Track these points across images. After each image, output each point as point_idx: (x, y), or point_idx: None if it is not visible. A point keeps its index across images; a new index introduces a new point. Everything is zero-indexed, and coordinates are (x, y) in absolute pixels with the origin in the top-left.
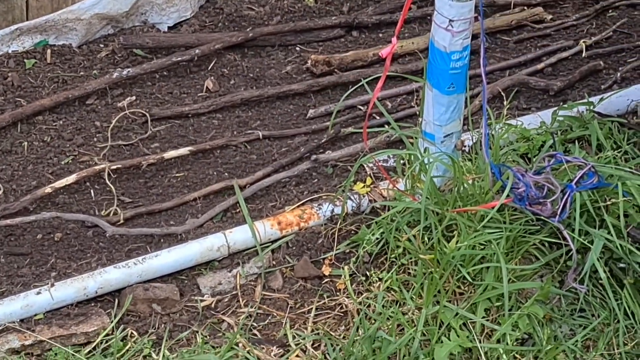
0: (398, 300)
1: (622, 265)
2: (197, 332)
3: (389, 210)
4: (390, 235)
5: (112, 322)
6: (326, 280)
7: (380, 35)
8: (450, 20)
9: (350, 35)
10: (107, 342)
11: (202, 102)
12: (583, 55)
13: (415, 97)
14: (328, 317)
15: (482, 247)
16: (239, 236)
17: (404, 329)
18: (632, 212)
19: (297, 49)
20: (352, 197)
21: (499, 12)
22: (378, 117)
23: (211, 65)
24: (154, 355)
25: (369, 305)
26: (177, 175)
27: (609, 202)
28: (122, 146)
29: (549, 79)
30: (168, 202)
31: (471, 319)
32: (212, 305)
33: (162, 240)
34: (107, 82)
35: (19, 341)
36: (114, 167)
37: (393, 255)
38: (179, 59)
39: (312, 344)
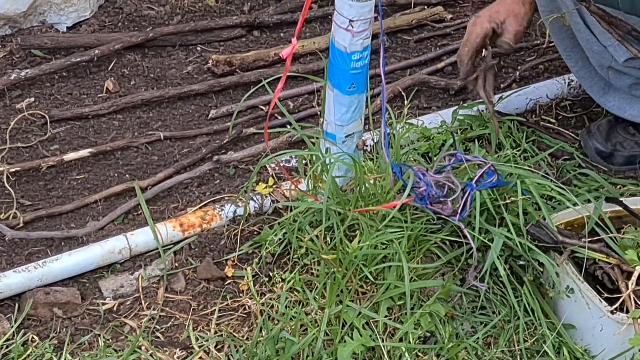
0: (301, 300)
1: (521, 262)
2: (99, 335)
3: (291, 210)
4: (292, 236)
5: (12, 327)
6: (229, 281)
7: (282, 34)
8: (350, 21)
9: (251, 35)
10: (7, 347)
11: (102, 103)
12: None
13: (316, 97)
14: (231, 319)
15: (384, 246)
16: (140, 238)
17: (307, 329)
18: (531, 210)
19: (198, 48)
20: (254, 198)
21: (399, 11)
22: (280, 117)
23: (111, 65)
24: (55, 359)
25: (272, 306)
26: (78, 177)
27: (508, 201)
28: (21, 148)
29: (450, 78)
30: (68, 204)
31: (374, 318)
32: (114, 309)
33: (62, 243)
34: (5, 83)
35: None
36: (13, 169)
37: (296, 256)
38: (78, 59)
39: (216, 346)
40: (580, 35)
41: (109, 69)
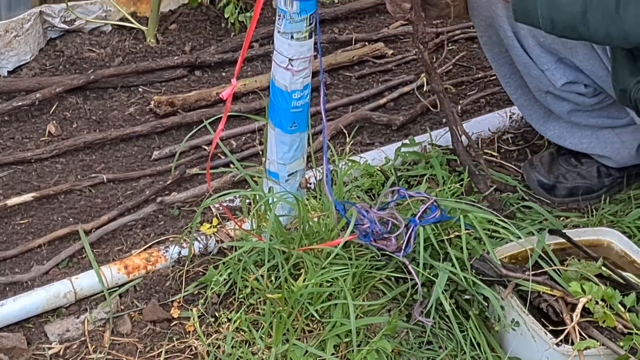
0: (248, 340)
1: (467, 297)
2: None
3: (236, 250)
4: (237, 276)
5: None
6: (175, 322)
7: (224, 74)
8: (290, 60)
9: (193, 74)
10: None
11: (45, 146)
12: (424, 89)
13: (258, 136)
14: None
15: (329, 284)
16: (85, 282)
17: None
18: (475, 244)
19: (140, 90)
20: (198, 239)
21: (340, 48)
22: (223, 157)
23: (53, 109)
24: None
25: (218, 347)
26: (21, 222)
27: (452, 235)
28: None
29: (392, 113)
30: (12, 249)
31: (321, 357)
32: (61, 353)
33: (7, 288)
34: None
35: None
36: None
37: (241, 296)
38: (20, 103)
39: None
40: (518, 59)
41: (51, 112)
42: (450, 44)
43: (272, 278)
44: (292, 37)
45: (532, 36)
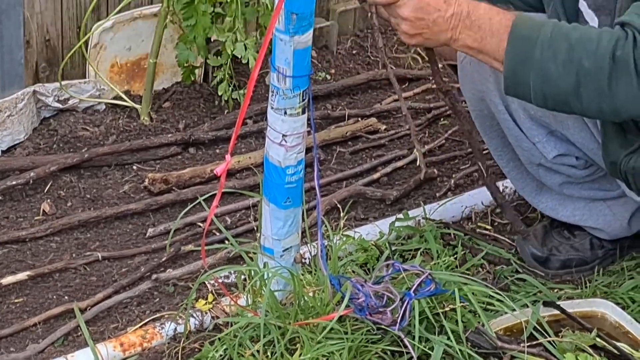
0: None
1: None
2: None
3: (231, 326)
4: (233, 352)
5: None
6: None
7: (217, 151)
8: (283, 135)
9: (187, 152)
10: None
11: (39, 225)
12: (417, 163)
13: (253, 212)
14: None
15: (325, 358)
16: (81, 359)
17: None
18: (470, 317)
19: (134, 167)
20: (194, 315)
21: (333, 124)
22: (218, 234)
23: (47, 187)
24: None
25: None
26: (16, 300)
27: (447, 308)
28: None
29: (385, 188)
30: (7, 328)
31: None
32: None
33: None
34: None
35: None
36: None
37: None
38: (14, 182)
39: None
40: (509, 132)
41: (45, 191)
42: (442, 119)
43: (268, 353)
44: (285, 113)
45: (523, 109)
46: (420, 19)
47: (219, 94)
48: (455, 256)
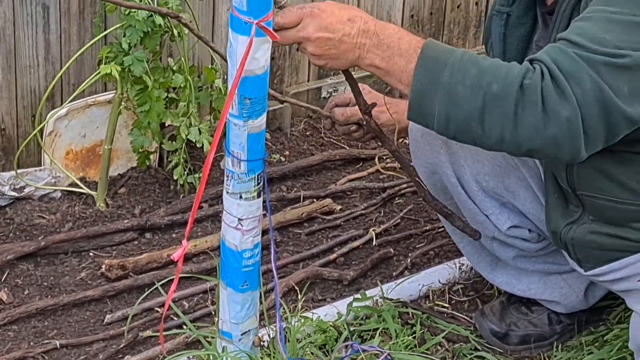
0: None
1: None
2: None
3: None
4: None
5: None
6: None
7: (174, 235)
8: (239, 219)
9: (143, 237)
10: None
11: None
12: (374, 243)
13: (210, 296)
14: None
15: None
16: None
17: None
18: None
19: (91, 254)
20: None
21: (289, 205)
22: (176, 318)
23: (4, 276)
24: None
25: None
26: None
27: None
28: None
29: (342, 268)
30: None
31: None
32: None
33: None
34: None
35: None
36: None
37: None
38: None
39: None
40: (463, 205)
41: (2, 280)
42: (397, 198)
43: None
44: (240, 197)
45: (475, 181)
46: (325, 38)
47: (175, 178)
48: (413, 335)
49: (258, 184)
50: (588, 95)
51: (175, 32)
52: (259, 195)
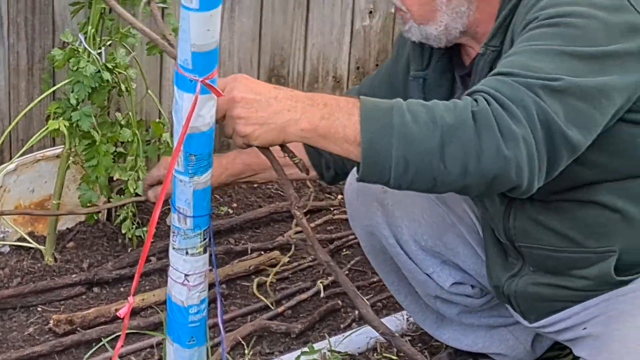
0: None
1: None
2: None
3: None
4: None
5: None
6: None
7: (122, 289)
8: (185, 275)
9: (91, 291)
10: None
11: None
12: (321, 295)
13: (157, 351)
14: None
15: None
16: None
17: None
18: None
19: (39, 309)
20: None
21: (237, 258)
22: None
23: None
24: None
25: None
26: None
27: None
28: None
29: (290, 321)
30: None
31: None
32: None
33: None
34: None
35: None
36: None
37: None
38: None
39: None
40: (403, 265)
41: None
42: (345, 249)
43: None
44: (187, 252)
45: (414, 241)
46: (252, 99)
47: (123, 232)
48: None
49: (204, 239)
50: (533, 117)
51: (122, 87)
52: (205, 251)
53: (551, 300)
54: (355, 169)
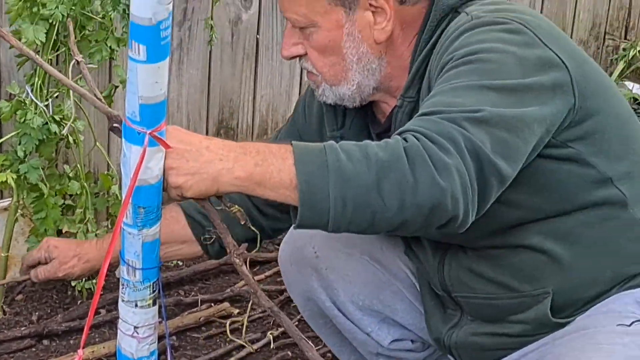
0: None
1: None
2: None
3: None
4: None
5: None
6: None
7: (72, 341)
8: (135, 327)
9: (41, 344)
10: None
11: None
12: (271, 346)
13: None
14: None
15: None
16: None
17: None
18: None
19: None
20: None
21: (186, 309)
22: None
23: None
24: None
25: None
26: None
27: None
28: None
29: None
30: None
31: None
32: None
33: None
34: None
35: None
36: None
37: None
38: None
39: None
40: (343, 327)
41: None
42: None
43: None
44: (136, 305)
45: (351, 302)
46: (182, 149)
47: (72, 284)
48: None
49: (154, 291)
50: (462, 148)
51: (70, 139)
52: (154, 303)
53: (492, 349)
54: (285, 237)
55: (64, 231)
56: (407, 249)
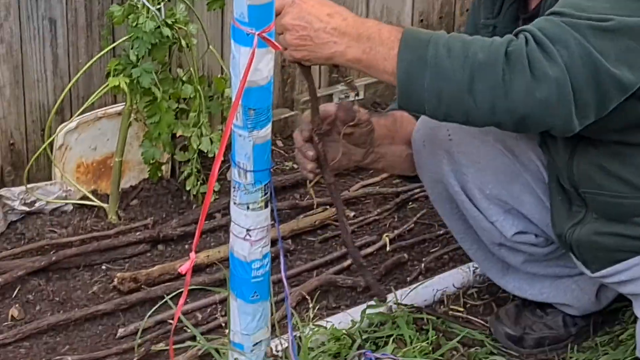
0: None
1: None
2: None
3: None
4: None
5: None
6: None
7: (187, 246)
8: (247, 230)
9: (156, 249)
10: None
11: (8, 331)
12: (387, 249)
13: (222, 307)
14: None
15: None
16: None
17: None
18: None
19: (103, 267)
20: None
21: (302, 213)
22: (189, 330)
23: (15, 292)
24: None
25: None
26: None
27: None
28: None
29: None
30: None
31: None
32: None
33: None
34: None
35: None
36: None
37: None
38: None
39: None
40: (468, 213)
41: (13, 296)
42: (411, 203)
43: None
44: (248, 207)
45: (479, 189)
46: (301, 27)
47: (187, 189)
48: (428, 341)
49: (265, 194)
50: (575, 57)
51: (183, 42)
52: (266, 206)
53: (612, 250)
54: (420, 118)
55: (177, 135)
56: (541, 141)
